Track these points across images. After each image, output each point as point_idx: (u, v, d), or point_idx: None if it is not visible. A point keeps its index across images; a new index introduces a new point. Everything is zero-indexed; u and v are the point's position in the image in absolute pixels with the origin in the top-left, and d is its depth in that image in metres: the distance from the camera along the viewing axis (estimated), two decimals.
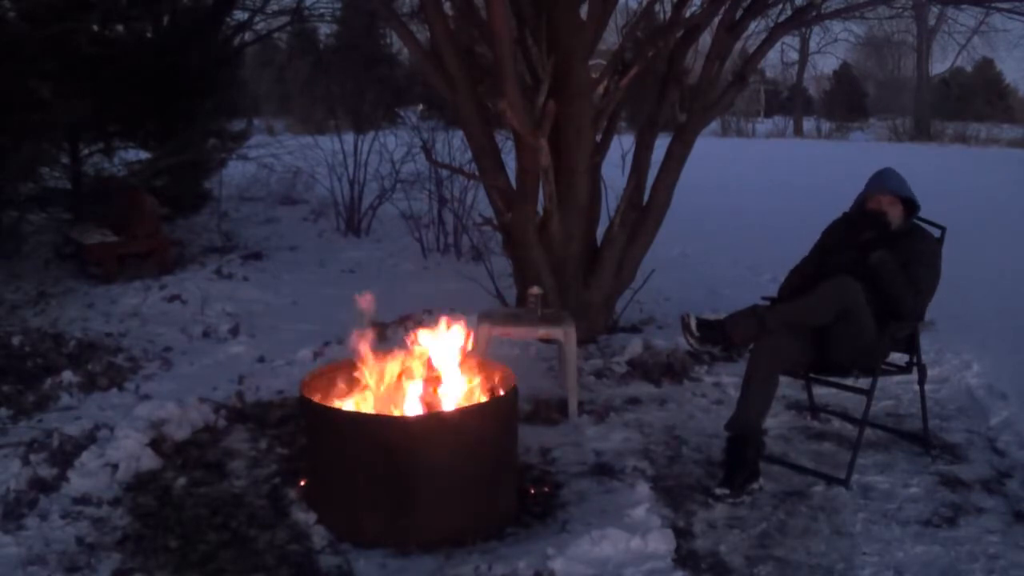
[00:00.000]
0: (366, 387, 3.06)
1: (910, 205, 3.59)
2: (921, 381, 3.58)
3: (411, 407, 2.98)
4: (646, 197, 5.18)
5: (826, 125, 34.25)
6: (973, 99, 32.23)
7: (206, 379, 4.34)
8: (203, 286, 6.29)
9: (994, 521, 3.03)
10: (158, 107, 7.68)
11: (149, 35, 8.60)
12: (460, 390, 3.10)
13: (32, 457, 3.29)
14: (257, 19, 10.47)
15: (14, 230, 7.14)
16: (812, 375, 3.68)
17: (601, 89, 4.76)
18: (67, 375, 4.30)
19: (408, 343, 3.17)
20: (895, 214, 3.56)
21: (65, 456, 3.32)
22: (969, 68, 36.50)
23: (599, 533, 2.76)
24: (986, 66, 35.90)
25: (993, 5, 6.78)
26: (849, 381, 3.53)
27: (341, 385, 3.13)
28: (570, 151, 4.74)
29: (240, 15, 10.01)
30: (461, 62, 4.72)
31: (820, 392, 4.00)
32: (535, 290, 4.17)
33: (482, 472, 2.90)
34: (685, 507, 3.12)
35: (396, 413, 2.97)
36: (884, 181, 3.62)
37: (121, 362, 4.69)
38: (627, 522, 2.85)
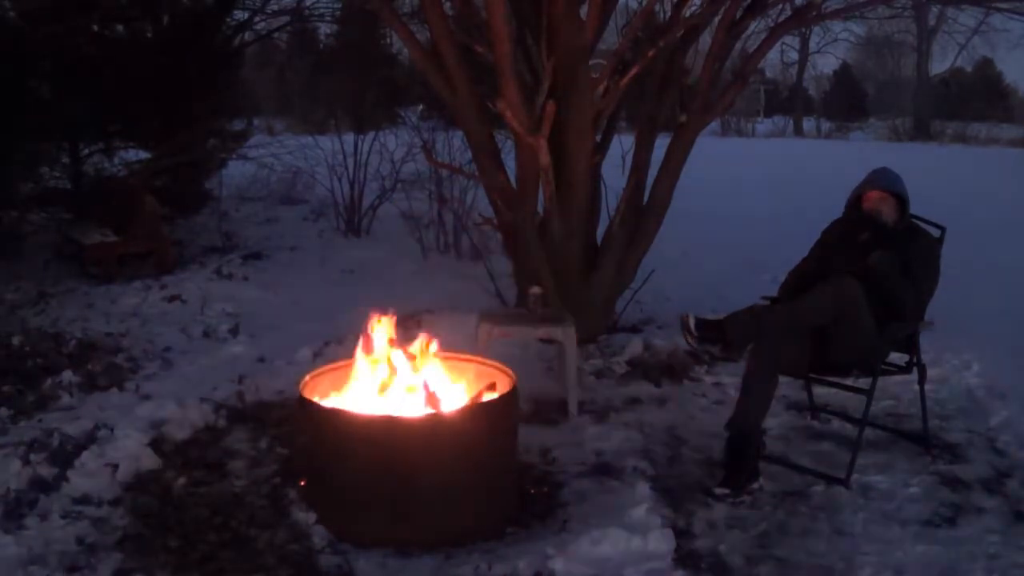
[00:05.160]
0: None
1: (902, 200, 3.60)
2: (921, 381, 3.58)
3: (411, 407, 2.98)
4: (646, 197, 5.18)
5: (826, 125, 34.25)
6: (973, 99, 32.20)
7: (206, 379, 4.33)
8: (203, 286, 6.28)
9: (994, 521, 3.03)
10: (158, 107, 7.67)
11: (149, 35, 8.60)
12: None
13: (32, 457, 3.29)
14: (257, 19, 10.47)
15: (14, 230, 7.14)
16: (812, 375, 3.68)
17: (601, 89, 4.75)
18: (67, 375, 4.30)
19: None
20: (888, 210, 3.57)
21: (65, 456, 3.32)
22: (969, 68, 36.49)
23: (599, 533, 2.76)
24: (986, 66, 35.87)
25: (993, 5, 6.79)
26: (849, 381, 3.53)
27: (341, 385, 3.13)
28: (570, 151, 4.74)
29: (240, 15, 10.01)
30: (461, 62, 4.72)
31: (820, 392, 4.00)
32: (535, 290, 4.17)
33: (482, 472, 2.90)
34: (685, 507, 3.12)
35: (396, 413, 2.97)
36: (875, 178, 3.64)
37: (121, 362, 4.69)
38: (627, 522, 2.85)
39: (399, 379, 3.05)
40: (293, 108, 17.19)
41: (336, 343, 4.67)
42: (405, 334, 3.26)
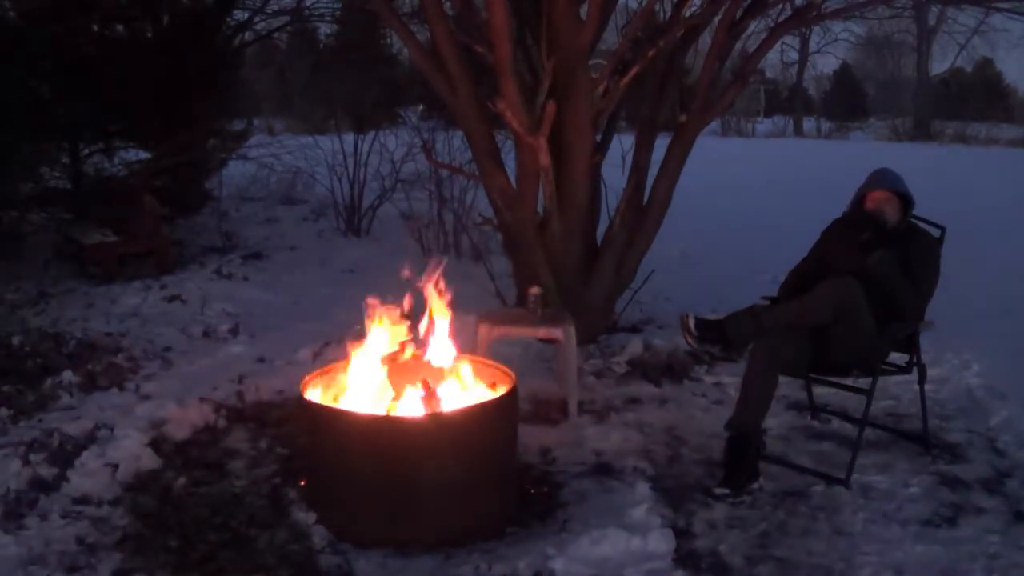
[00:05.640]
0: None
1: (906, 201, 3.60)
2: (921, 381, 3.58)
3: (411, 407, 2.98)
4: (646, 197, 5.18)
5: (826, 125, 34.28)
6: (973, 99, 32.22)
7: (206, 379, 4.33)
8: (203, 286, 6.28)
9: (994, 521, 3.03)
10: (158, 107, 7.68)
11: (149, 35, 8.61)
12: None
13: (32, 457, 3.29)
14: (257, 19, 10.48)
15: (14, 230, 7.14)
16: (812, 375, 3.68)
17: (601, 89, 4.75)
18: (67, 375, 4.30)
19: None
20: (892, 210, 3.57)
21: (65, 456, 3.32)
22: (969, 68, 36.50)
23: (599, 533, 2.76)
24: (986, 66, 35.88)
25: (993, 5, 6.79)
26: (849, 381, 3.53)
27: (341, 384, 3.13)
28: (570, 151, 4.74)
29: (240, 15, 10.02)
30: (461, 62, 4.72)
31: (820, 392, 4.00)
32: (535, 290, 4.17)
33: (482, 472, 2.90)
34: (685, 507, 3.12)
35: (396, 413, 2.97)
36: (879, 177, 3.64)
37: (121, 362, 4.68)
38: (627, 522, 2.85)
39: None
40: (293, 108, 17.21)
41: (336, 343, 4.66)
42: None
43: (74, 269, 6.80)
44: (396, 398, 2.98)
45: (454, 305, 3.26)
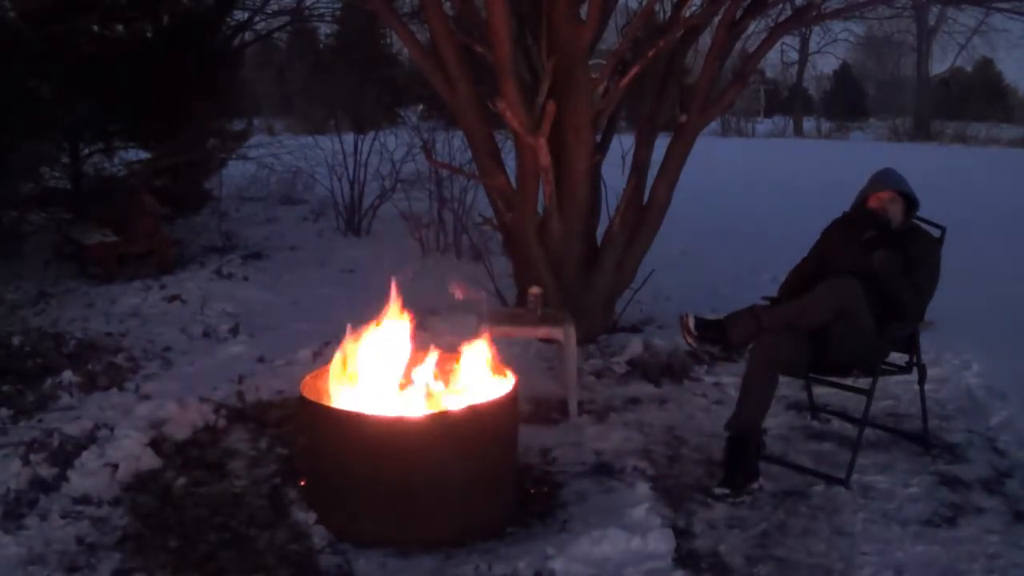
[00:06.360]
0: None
1: (910, 201, 3.60)
2: (921, 381, 3.58)
3: (412, 407, 2.98)
4: (646, 197, 5.18)
5: (826, 125, 34.28)
6: (973, 99, 32.21)
7: (206, 379, 4.33)
8: (203, 286, 6.28)
9: (994, 521, 3.03)
10: (158, 107, 7.68)
11: (149, 35, 8.61)
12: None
13: (32, 457, 3.29)
14: (257, 19, 10.49)
15: (14, 230, 7.14)
16: (812, 375, 3.68)
17: (601, 89, 4.75)
18: (67, 375, 4.30)
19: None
20: (896, 211, 3.57)
21: (65, 456, 3.32)
22: (969, 68, 36.52)
23: (599, 533, 2.76)
24: (986, 66, 35.90)
25: (993, 5, 6.79)
26: (849, 381, 3.53)
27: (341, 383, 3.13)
28: (570, 151, 4.74)
29: (240, 15, 10.03)
30: (461, 62, 4.72)
31: (820, 392, 4.00)
32: (535, 290, 4.17)
33: (482, 472, 2.90)
34: (685, 507, 3.12)
35: (396, 413, 2.96)
36: (884, 178, 3.64)
37: (121, 362, 4.68)
38: (627, 522, 2.85)
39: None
40: (293, 108, 17.22)
41: (336, 343, 4.66)
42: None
43: (74, 269, 6.80)
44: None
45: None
